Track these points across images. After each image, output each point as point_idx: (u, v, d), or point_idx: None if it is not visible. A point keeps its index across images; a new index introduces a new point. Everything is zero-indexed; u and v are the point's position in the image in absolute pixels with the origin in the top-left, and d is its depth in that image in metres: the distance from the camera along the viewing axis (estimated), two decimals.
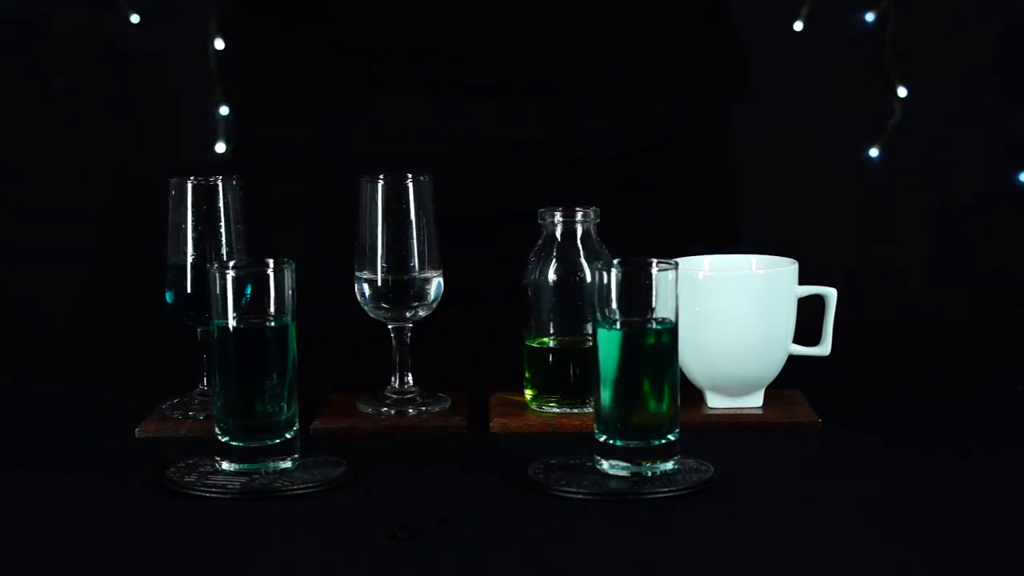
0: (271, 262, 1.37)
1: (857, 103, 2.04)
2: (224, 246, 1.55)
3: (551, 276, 1.54)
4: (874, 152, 2.02)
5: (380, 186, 1.55)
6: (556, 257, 1.55)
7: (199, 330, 1.56)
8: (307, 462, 1.40)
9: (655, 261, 1.34)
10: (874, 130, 2.04)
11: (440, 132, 2.02)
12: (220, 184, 1.55)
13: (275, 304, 1.37)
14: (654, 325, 1.34)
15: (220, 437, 1.38)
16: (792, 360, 1.56)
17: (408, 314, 1.56)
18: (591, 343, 1.38)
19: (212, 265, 1.37)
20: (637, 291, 1.34)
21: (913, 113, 2.03)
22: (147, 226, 1.73)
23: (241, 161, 2.03)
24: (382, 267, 1.55)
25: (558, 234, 1.55)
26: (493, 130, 2.02)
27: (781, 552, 1.21)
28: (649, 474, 1.35)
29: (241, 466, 1.38)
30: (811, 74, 2.04)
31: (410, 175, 1.55)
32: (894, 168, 2.02)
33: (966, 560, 1.18)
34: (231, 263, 1.38)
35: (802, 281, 1.54)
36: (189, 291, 1.55)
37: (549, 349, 1.56)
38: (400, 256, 1.55)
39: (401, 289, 1.55)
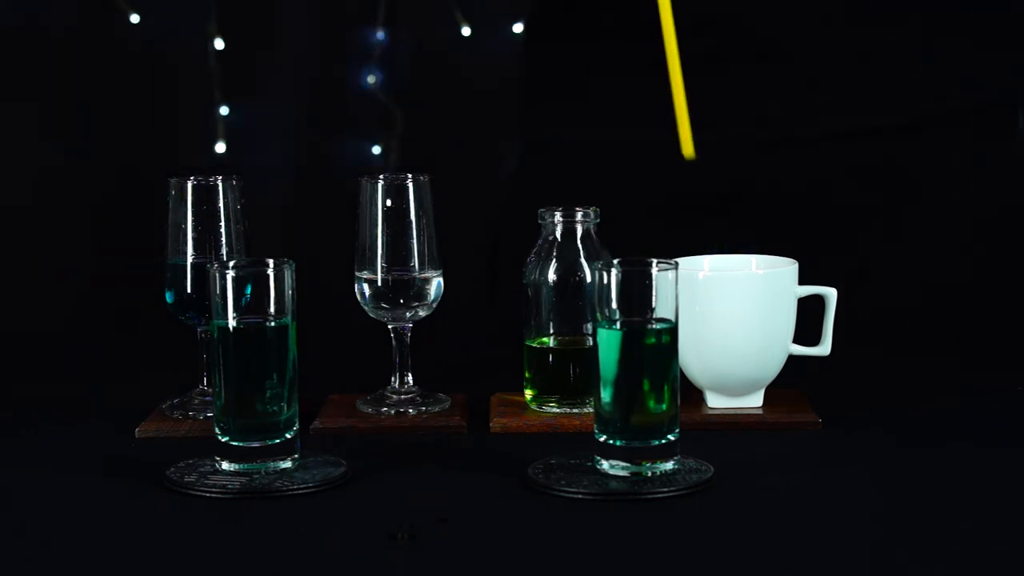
0: (271, 262, 1.37)
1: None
2: (224, 246, 1.55)
3: (551, 276, 1.54)
4: None
5: (380, 186, 1.55)
6: (556, 257, 1.55)
7: (199, 330, 1.56)
8: (307, 462, 1.40)
9: (655, 261, 1.34)
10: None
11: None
12: (220, 184, 1.55)
13: (275, 304, 1.37)
14: (654, 325, 1.35)
15: (220, 437, 1.38)
16: (792, 360, 1.56)
17: (408, 314, 1.56)
18: (591, 343, 1.38)
19: (212, 265, 1.37)
20: (637, 291, 1.34)
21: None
22: (147, 226, 1.73)
23: (241, 160, 2.03)
24: (382, 267, 1.55)
25: (558, 234, 1.55)
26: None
27: (781, 552, 1.21)
28: (649, 474, 1.35)
29: (241, 466, 1.38)
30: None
31: (410, 175, 1.55)
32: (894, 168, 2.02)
33: (967, 560, 1.18)
34: (231, 263, 1.38)
35: (802, 281, 1.54)
36: (189, 291, 1.55)
37: (549, 349, 1.56)
38: (400, 256, 1.55)
39: (401, 289, 1.55)
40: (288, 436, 1.39)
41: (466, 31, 2.13)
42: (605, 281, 1.35)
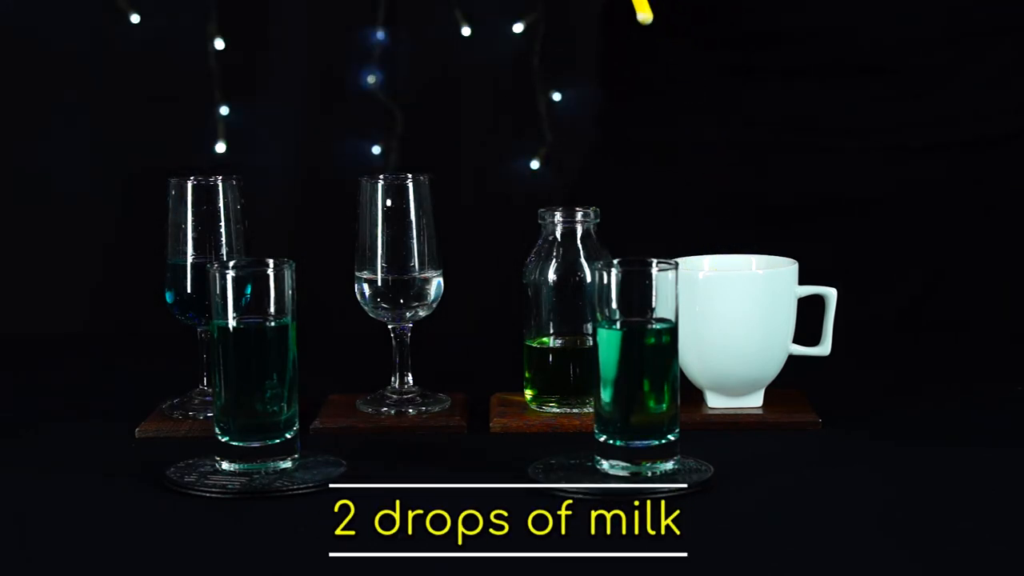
0: (271, 262, 1.37)
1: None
2: (224, 246, 1.55)
3: (551, 276, 1.54)
4: None
5: (380, 186, 1.55)
6: (556, 257, 1.55)
7: (199, 330, 1.56)
8: (307, 462, 1.40)
9: (655, 261, 1.34)
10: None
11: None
12: (220, 184, 1.55)
13: (275, 304, 1.37)
14: (654, 325, 1.35)
15: (220, 437, 1.38)
16: (792, 360, 1.56)
17: (408, 314, 1.56)
18: (591, 343, 1.38)
19: (212, 265, 1.37)
20: (637, 291, 1.35)
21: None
22: (147, 226, 1.73)
23: (241, 160, 2.03)
24: (382, 267, 1.55)
25: (558, 234, 1.55)
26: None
27: (781, 552, 1.21)
28: (649, 474, 1.35)
29: (241, 466, 1.38)
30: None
31: (410, 175, 1.55)
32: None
33: (967, 560, 1.18)
34: (231, 263, 1.38)
35: (802, 281, 1.54)
36: (189, 291, 1.55)
37: (549, 349, 1.56)
38: (400, 256, 1.55)
39: (401, 289, 1.55)
40: (288, 436, 1.39)
41: (466, 31, 2.13)
42: (605, 281, 1.35)
